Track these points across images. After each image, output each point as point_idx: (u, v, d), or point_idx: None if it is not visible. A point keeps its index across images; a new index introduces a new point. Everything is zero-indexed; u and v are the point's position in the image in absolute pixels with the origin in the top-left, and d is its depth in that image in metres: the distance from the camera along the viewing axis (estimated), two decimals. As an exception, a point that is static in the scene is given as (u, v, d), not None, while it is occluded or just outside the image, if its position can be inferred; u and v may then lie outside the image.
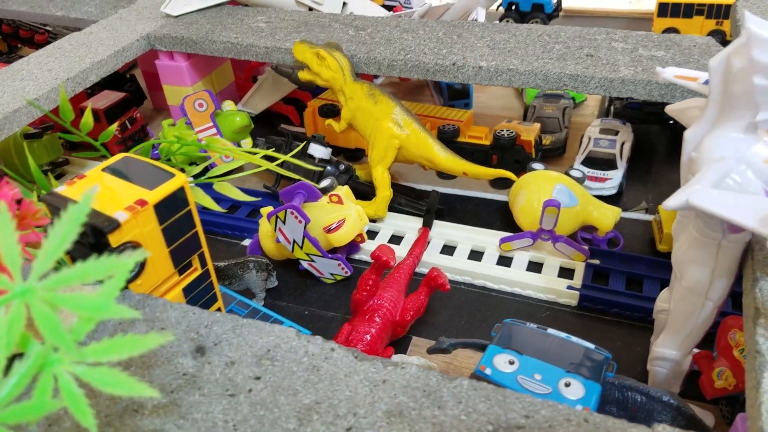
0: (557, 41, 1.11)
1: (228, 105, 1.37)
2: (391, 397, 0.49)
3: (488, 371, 0.59)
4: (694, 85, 0.61)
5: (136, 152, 0.73)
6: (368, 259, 1.06)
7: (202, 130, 1.29)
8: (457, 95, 1.50)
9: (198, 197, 0.79)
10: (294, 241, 0.96)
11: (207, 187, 0.90)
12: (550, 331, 0.63)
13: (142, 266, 0.59)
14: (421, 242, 0.98)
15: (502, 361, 0.60)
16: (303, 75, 1.12)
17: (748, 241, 0.59)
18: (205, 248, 0.67)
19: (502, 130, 1.20)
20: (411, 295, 0.83)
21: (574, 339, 0.62)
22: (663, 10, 1.74)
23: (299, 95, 1.51)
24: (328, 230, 0.96)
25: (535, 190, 1.03)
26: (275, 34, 1.24)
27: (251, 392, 0.49)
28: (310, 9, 1.43)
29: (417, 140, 1.05)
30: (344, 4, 1.45)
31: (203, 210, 1.18)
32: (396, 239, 1.10)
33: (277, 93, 1.49)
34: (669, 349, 0.68)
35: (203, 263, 0.67)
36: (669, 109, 0.67)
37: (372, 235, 1.11)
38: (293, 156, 1.17)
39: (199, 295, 0.67)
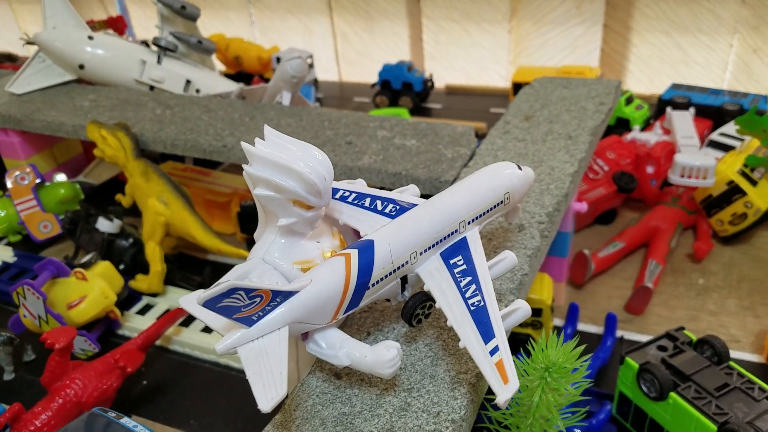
0: (332, 127, 1.17)
1: (59, 177, 1.43)
2: None
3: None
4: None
5: None
6: (131, 334, 1.08)
7: (22, 202, 1.35)
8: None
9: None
10: (39, 317, 0.99)
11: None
12: (123, 421, 0.66)
13: None
14: (163, 321, 1.01)
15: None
16: (95, 152, 1.18)
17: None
18: None
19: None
20: (103, 377, 0.85)
21: (138, 428, 0.64)
22: (517, 89, 1.81)
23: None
24: (70, 306, 0.99)
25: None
26: (90, 113, 1.30)
27: None
28: (151, 88, 1.50)
29: (180, 218, 1.10)
30: (188, 81, 1.53)
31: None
32: (173, 313, 1.13)
33: (121, 164, 1.55)
34: None
35: None
36: None
37: (147, 309, 1.14)
38: (86, 228, 1.22)
39: None
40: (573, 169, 0.92)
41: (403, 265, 0.56)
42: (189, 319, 1.10)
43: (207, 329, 1.07)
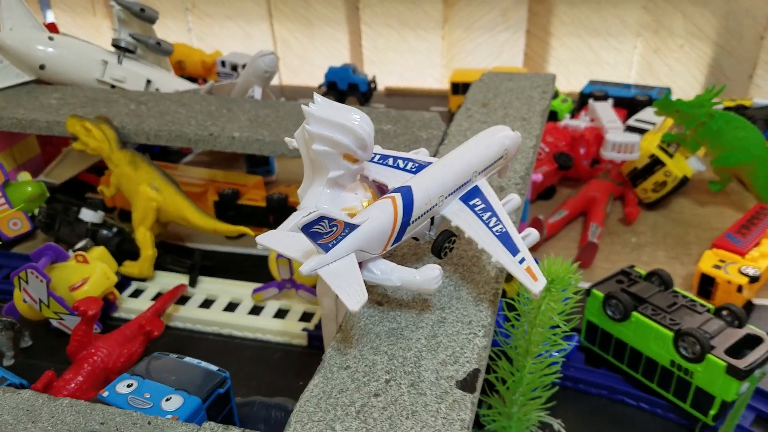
0: (309, 115, 1.26)
1: (23, 176, 1.43)
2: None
3: (105, 394, 0.68)
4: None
5: None
6: (127, 316, 1.13)
7: (-9, 200, 1.34)
8: (257, 163, 1.63)
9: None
10: (40, 300, 1.02)
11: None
12: (186, 359, 0.74)
13: None
14: (165, 298, 1.06)
15: (123, 385, 0.69)
16: (75, 145, 1.22)
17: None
18: None
19: (274, 194, 1.33)
20: (126, 344, 0.91)
21: (202, 364, 0.73)
22: (455, 89, 1.99)
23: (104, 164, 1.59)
24: (73, 288, 1.03)
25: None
26: (60, 110, 1.33)
27: None
28: (113, 87, 1.53)
29: (173, 202, 1.16)
30: (148, 81, 1.57)
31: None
32: (163, 296, 1.18)
33: (82, 163, 1.56)
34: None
35: None
36: None
37: (138, 293, 1.18)
38: (65, 221, 1.25)
39: None
40: (533, 143, 1.07)
41: (433, 207, 0.68)
42: (184, 299, 1.16)
43: (204, 305, 1.14)
